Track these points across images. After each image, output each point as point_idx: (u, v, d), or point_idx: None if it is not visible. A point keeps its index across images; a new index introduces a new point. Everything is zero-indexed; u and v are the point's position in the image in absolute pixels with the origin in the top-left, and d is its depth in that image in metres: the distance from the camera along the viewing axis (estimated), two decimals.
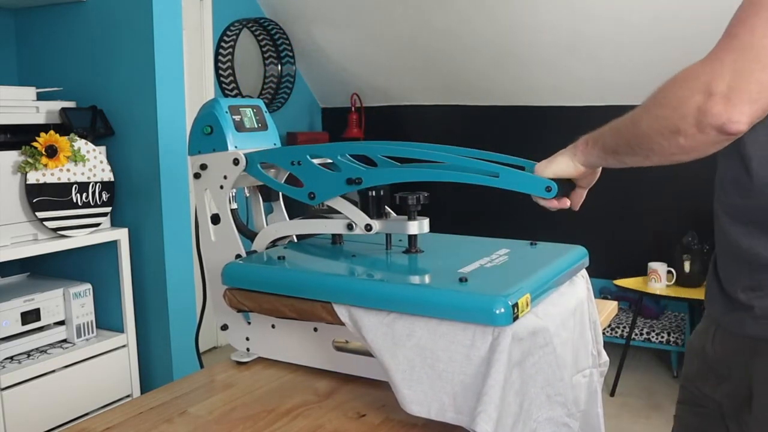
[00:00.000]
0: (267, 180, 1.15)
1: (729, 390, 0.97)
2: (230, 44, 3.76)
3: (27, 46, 2.48)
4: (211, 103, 1.18)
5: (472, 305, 0.88)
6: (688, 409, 1.08)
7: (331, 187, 1.09)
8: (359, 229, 1.10)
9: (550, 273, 1.02)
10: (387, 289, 0.95)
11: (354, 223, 1.10)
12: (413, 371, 0.90)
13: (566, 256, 1.11)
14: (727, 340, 0.95)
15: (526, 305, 0.89)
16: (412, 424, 0.94)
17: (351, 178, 1.06)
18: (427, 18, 3.56)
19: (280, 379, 1.10)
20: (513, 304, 0.86)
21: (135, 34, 2.23)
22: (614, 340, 3.39)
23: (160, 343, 2.34)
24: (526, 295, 0.90)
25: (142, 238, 2.30)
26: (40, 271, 2.40)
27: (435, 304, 0.90)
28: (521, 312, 0.88)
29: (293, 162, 1.11)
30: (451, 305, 0.89)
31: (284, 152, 1.13)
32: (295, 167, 1.11)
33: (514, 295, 0.88)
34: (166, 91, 2.24)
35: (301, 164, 1.10)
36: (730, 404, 0.97)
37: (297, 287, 1.03)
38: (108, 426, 0.96)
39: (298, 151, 1.11)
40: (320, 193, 1.10)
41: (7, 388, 1.96)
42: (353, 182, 1.06)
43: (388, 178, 1.07)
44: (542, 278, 0.99)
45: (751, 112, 0.76)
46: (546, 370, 0.90)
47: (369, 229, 1.09)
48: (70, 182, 2.07)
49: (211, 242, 1.19)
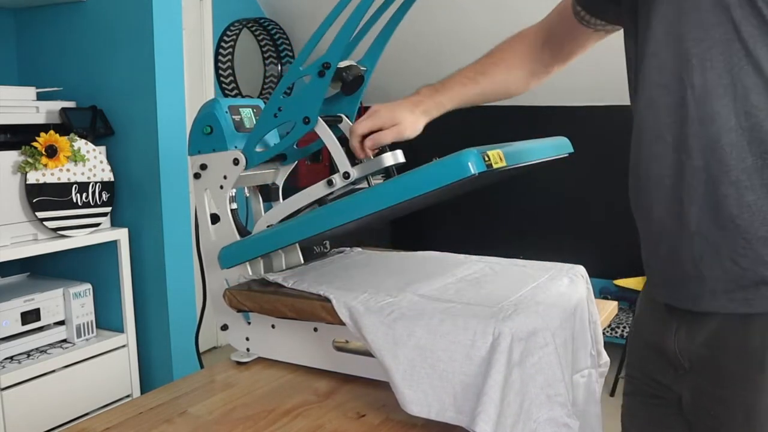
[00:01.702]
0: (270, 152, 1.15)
1: (690, 385, 0.94)
2: (230, 44, 3.76)
3: (27, 46, 2.48)
4: (211, 103, 1.18)
5: (446, 163, 0.88)
6: (641, 400, 1.04)
7: (312, 94, 1.08)
8: (339, 181, 1.11)
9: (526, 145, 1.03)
10: (368, 193, 0.95)
11: (333, 178, 1.11)
12: (414, 371, 0.90)
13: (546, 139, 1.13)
14: (691, 335, 0.92)
15: (499, 159, 0.89)
16: (412, 424, 0.94)
17: (320, 70, 1.06)
18: (428, 18, 3.56)
19: (280, 379, 1.10)
20: (482, 153, 0.87)
21: (135, 34, 2.23)
22: (614, 340, 3.39)
23: (160, 343, 2.34)
24: (497, 150, 0.90)
25: (142, 238, 2.30)
26: (40, 271, 2.40)
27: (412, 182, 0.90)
28: (495, 163, 0.88)
29: (275, 113, 1.11)
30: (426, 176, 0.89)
31: (264, 114, 1.13)
32: (279, 116, 1.11)
33: (485, 149, 0.88)
34: (166, 91, 2.25)
35: (281, 108, 1.10)
36: (691, 399, 0.94)
37: (287, 233, 1.04)
38: (108, 426, 0.96)
39: (271, 102, 1.11)
40: (309, 109, 1.09)
41: (7, 388, 1.96)
42: (324, 70, 1.06)
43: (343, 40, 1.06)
44: (517, 146, 0.99)
45: None
46: (546, 371, 0.90)
47: (347, 176, 1.10)
48: (70, 182, 2.07)
49: (211, 242, 1.19)
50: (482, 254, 1.28)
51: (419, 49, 3.72)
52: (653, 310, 1.00)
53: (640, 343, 1.04)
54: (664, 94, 0.87)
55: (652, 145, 0.90)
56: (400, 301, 0.98)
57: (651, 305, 1.01)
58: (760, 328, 0.84)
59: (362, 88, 1.21)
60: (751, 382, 0.85)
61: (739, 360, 0.86)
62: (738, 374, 0.86)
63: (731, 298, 0.85)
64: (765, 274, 0.83)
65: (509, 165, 0.92)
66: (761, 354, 0.84)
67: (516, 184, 3.81)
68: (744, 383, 0.86)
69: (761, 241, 0.82)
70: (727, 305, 0.86)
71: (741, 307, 0.85)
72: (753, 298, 0.84)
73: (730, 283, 0.85)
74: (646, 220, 0.95)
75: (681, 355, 0.93)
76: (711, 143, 0.83)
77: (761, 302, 0.83)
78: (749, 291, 0.84)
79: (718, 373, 0.89)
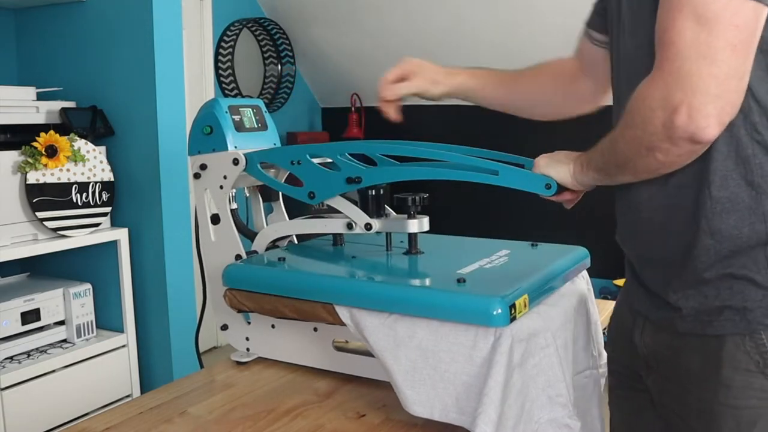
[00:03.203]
0: (267, 180, 1.15)
1: (656, 381, 0.96)
2: (230, 44, 3.76)
3: (27, 46, 2.48)
4: (211, 103, 1.18)
5: (470, 306, 0.88)
6: (623, 394, 1.06)
7: (331, 187, 1.08)
8: (359, 228, 1.10)
9: (549, 274, 1.02)
10: (386, 291, 0.95)
11: (354, 222, 1.10)
12: (415, 372, 0.90)
13: (567, 257, 1.10)
14: (657, 334, 0.95)
15: (524, 306, 0.89)
16: (412, 423, 0.94)
17: (351, 177, 1.06)
18: (428, 18, 3.56)
19: (280, 379, 1.10)
20: (510, 305, 0.86)
21: (135, 34, 2.23)
22: None
23: (160, 343, 2.34)
24: (524, 296, 0.90)
25: (142, 238, 2.30)
26: (40, 271, 2.40)
27: (433, 305, 0.90)
28: (519, 313, 0.88)
29: (293, 162, 1.11)
30: (449, 307, 0.89)
31: (284, 152, 1.13)
32: (294, 167, 1.11)
33: (512, 296, 0.88)
34: (166, 91, 2.24)
35: (300, 164, 1.10)
36: (658, 396, 0.97)
37: (297, 289, 1.03)
38: (108, 426, 0.96)
39: (297, 150, 1.11)
40: (320, 193, 1.09)
41: (7, 388, 1.96)
42: (353, 181, 1.06)
43: (388, 176, 1.07)
44: (541, 279, 0.99)
45: (717, 112, 0.74)
46: (547, 371, 0.90)
47: (369, 228, 1.09)
48: (70, 182, 2.07)
49: (211, 242, 1.19)
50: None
51: (417, 47, 3.72)
52: (627, 306, 1.03)
53: (617, 337, 1.07)
54: None
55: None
56: None
57: (626, 300, 1.04)
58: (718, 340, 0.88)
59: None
60: (708, 381, 0.88)
61: (696, 359, 0.89)
62: (695, 373, 0.89)
63: (699, 321, 0.89)
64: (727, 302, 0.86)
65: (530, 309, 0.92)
66: (717, 353, 0.87)
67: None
68: (701, 382, 0.89)
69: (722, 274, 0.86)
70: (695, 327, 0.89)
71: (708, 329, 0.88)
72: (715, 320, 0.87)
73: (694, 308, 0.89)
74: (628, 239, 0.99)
75: (647, 351, 0.97)
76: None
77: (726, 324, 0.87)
78: (713, 314, 0.88)
79: (678, 372, 0.92)
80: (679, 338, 0.91)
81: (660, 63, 0.78)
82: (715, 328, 0.87)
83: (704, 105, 0.74)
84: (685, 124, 0.75)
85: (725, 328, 0.86)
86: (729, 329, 0.86)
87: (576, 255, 1.12)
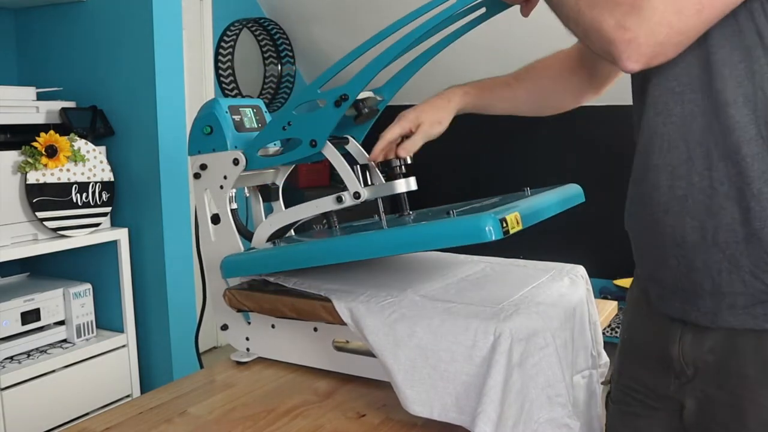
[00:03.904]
0: (273, 161, 1.15)
1: (695, 393, 0.90)
2: (230, 44, 3.75)
3: (27, 46, 2.48)
4: (211, 103, 1.18)
5: (461, 227, 0.88)
6: (634, 411, 0.99)
7: (324, 122, 1.07)
8: (349, 199, 1.09)
9: (541, 200, 1.03)
10: (379, 236, 0.95)
11: (342, 195, 1.10)
12: (415, 371, 0.90)
13: (559, 189, 1.12)
14: (698, 341, 0.88)
15: (516, 222, 0.89)
16: (412, 423, 0.94)
17: (337, 99, 1.05)
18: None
19: (280, 379, 1.10)
20: (501, 219, 0.86)
21: (135, 34, 2.23)
22: (614, 340, 3.38)
23: (160, 343, 2.34)
24: (515, 213, 0.90)
25: (142, 238, 2.30)
26: (40, 271, 2.40)
27: (427, 235, 0.90)
28: (512, 228, 0.87)
29: (284, 127, 1.10)
30: (442, 233, 0.89)
31: (272, 123, 1.13)
32: (287, 130, 1.10)
33: (502, 213, 0.88)
34: (166, 91, 2.24)
35: (291, 123, 1.09)
36: (697, 407, 0.90)
37: (293, 258, 1.03)
38: (108, 426, 0.96)
39: (282, 113, 1.10)
40: (318, 133, 1.08)
41: (7, 388, 1.96)
42: (342, 101, 1.04)
43: (367, 76, 1.04)
44: (533, 204, 0.99)
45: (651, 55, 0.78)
46: (546, 371, 0.90)
47: (357, 196, 1.09)
48: (70, 182, 2.07)
49: (211, 242, 1.19)
50: (483, 254, 1.28)
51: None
52: (650, 318, 0.96)
53: (632, 349, 1.01)
54: (678, 102, 0.84)
55: (663, 155, 0.86)
56: (401, 301, 0.98)
57: (647, 313, 0.97)
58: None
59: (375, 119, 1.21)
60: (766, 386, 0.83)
61: (754, 364, 0.83)
62: (752, 377, 0.83)
63: (751, 314, 0.83)
64: None
65: (524, 227, 0.92)
66: None
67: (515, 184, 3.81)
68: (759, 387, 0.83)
69: None
70: (746, 321, 0.83)
71: (762, 322, 0.82)
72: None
73: (750, 297, 0.82)
74: (652, 232, 0.91)
75: (685, 362, 0.90)
76: (731, 153, 0.81)
77: None
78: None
79: (728, 379, 0.85)
80: (729, 340, 0.85)
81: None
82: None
83: (645, 45, 0.78)
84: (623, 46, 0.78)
85: None
86: None
87: (568, 189, 1.14)
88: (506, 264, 1.22)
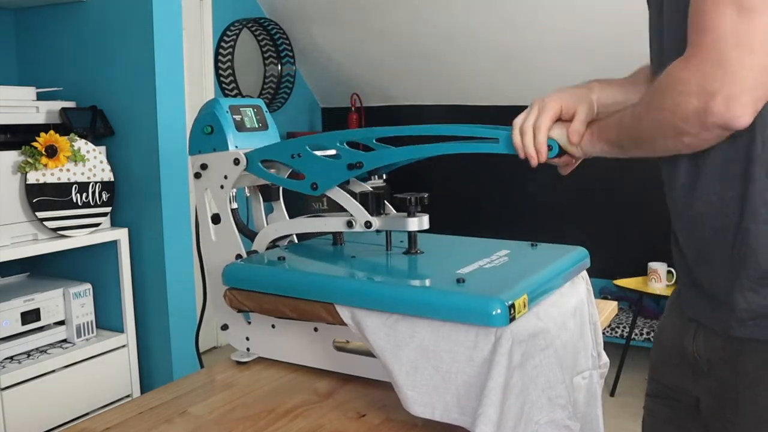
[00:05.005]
0: (269, 177, 1.15)
1: (709, 387, 0.94)
2: (230, 44, 3.75)
3: (27, 46, 2.48)
4: (212, 103, 1.18)
5: (469, 307, 0.87)
6: (660, 402, 1.05)
7: (333, 175, 1.08)
8: (359, 226, 1.09)
9: (549, 274, 1.02)
10: (386, 291, 0.95)
11: (354, 220, 1.10)
12: (416, 372, 0.90)
13: (566, 257, 1.10)
14: (710, 339, 0.93)
15: (523, 306, 0.89)
16: (412, 423, 0.94)
17: (352, 163, 1.05)
18: (428, 17, 3.56)
19: (280, 379, 1.10)
20: (510, 305, 0.86)
21: (135, 34, 2.23)
22: (614, 340, 3.39)
23: (160, 343, 2.34)
24: (523, 296, 0.90)
25: (142, 238, 2.30)
26: (40, 271, 2.40)
27: (433, 305, 0.90)
28: (518, 313, 0.88)
29: (293, 155, 1.10)
30: (449, 307, 0.89)
31: (284, 146, 1.13)
32: (295, 160, 1.11)
33: (511, 295, 0.88)
34: (166, 91, 2.24)
35: (301, 156, 1.10)
36: (711, 401, 0.94)
37: (297, 288, 1.03)
38: (108, 426, 0.96)
39: (297, 143, 1.10)
40: (322, 182, 1.08)
41: (7, 388, 1.96)
42: (354, 167, 1.05)
43: (388, 158, 1.05)
44: (541, 279, 0.98)
45: (753, 100, 0.75)
46: (547, 373, 0.90)
47: (368, 226, 1.08)
48: (70, 182, 2.07)
49: (211, 242, 1.19)
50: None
51: (418, 47, 3.72)
52: (675, 315, 1.01)
53: (660, 348, 1.06)
54: None
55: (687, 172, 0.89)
56: None
57: (676, 310, 1.02)
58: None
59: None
60: (763, 384, 0.85)
61: (754, 363, 0.87)
62: (752, 376, 0.87)
63: (759, 326, 0.86)
64: None
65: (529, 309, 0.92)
66: None
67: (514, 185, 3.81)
68: (757, 385, 0.86)
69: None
70: (754, 332, 0.86)
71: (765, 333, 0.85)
72: None
73: (753, 312, 0.86)
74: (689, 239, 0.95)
75: (699, 357, 0.94)
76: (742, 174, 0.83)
77: None
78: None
79: (734, 376, 0.89)
80: (734, 343, 0.89)
81: (696, 48, 0.77)
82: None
83: (741, 94, 0.74)
84: (722, 112, 0.75)
85: None
86: None
87: (575, 255, 1.12)
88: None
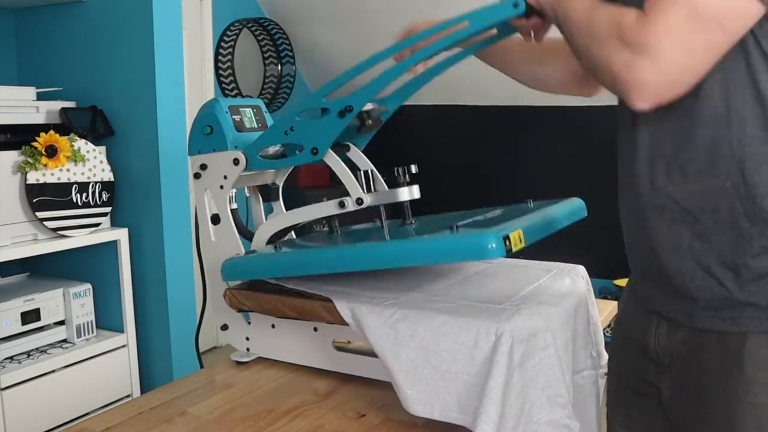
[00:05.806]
0: (272, 164, 1.15)
1: (670, 380, 0.95)
2: (230, 44, 3.75)
3: (27, 46, 2.48)
4: (211, 103, 1.18)
5: (465, 244, 0.88)
6: (622, 396, 1.05)
7: (327, 130, 1.07)
8: (351, 204, 1.09)
9: (545, 216, 1.03)
10: (382, 247, 0.95)
11: (345, 201, 1.10)
12: (416, 371, 0.90)
13: (562, 203, 1.13)
14: (672, 332, 0.94)
15: (519, 240, 0.89)
16: (412, 423, 0.94)
17: (341, 110, 1.05)
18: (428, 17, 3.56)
19: (280, 379, 1.10)
20: (504, 237, 0.86)
21: (135, 34, 2.23)
22: None
23: (160, 343, 2.34)
24: (518, 231, 0.90)
25: (142, 238, 2.30)
26: (40, 271, 2.40)
27: (429, 250, 0.90)
28: (514, 246, 0.87)
29: (286, 131, 1.10)
30: (445, 248, 0.89)
31: (275, 127, 1.13)
32: (289, 135, 1.10)
33: (506, 229, 0.88)
34: (166, 91, 2.24)
35: (293, 128, 1.10)
36: (671, 394, 0.95)
37: (295, 265, 1.03)
38: (108, 426, 0.96)
39: (286, 117, 1.10)
40: (320, 142, 1.08)
41: (7, 388, 1.96)
42: (346, 112, 1.05)
43: (374, 89, 1.04)
44: (537, 219, 0.99)
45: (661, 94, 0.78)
46: (547, 372, 0.90)
47: (360, 202, 1.09)
48: (70, 182, 2.07)
49: (211, 242, 1.19)
50: None
51: None
52: (636, 308, 1.01)
53: (623, 340, 1.05)
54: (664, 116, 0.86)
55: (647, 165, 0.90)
56: (403, 301, 0.98)
57: (633, 304, 1.02)
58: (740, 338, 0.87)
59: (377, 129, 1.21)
60: (729, 378, 0.87)
61: (717, 356, 0.88)
62: (716, 370, 0.88)
63: (719, 317, 0.88)
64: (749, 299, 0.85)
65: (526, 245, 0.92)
66: (739, 351, 0.86)
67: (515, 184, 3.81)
68: (722, 378, 0.88)
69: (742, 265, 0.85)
70: (716, 323, 0.88)
71: (728, 325, 0.87)
72: (739, 318, 0.86)
73: (716, 302, 0.87)
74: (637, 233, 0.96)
75: (661, 351, 0.95)
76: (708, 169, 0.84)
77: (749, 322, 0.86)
78: (735, 311, 0.86)
79: (697, 369, 0.91)
80: (697, 335, 0.90)
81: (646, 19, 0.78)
82: (739, 326, 0.86)
83: (656, 84, 0.78)
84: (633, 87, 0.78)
85: (748, 326, 0.86)
86: (753, 327, 0.85)
87: (571, 203, 1.14)
88: (507, 264, 1.22)
